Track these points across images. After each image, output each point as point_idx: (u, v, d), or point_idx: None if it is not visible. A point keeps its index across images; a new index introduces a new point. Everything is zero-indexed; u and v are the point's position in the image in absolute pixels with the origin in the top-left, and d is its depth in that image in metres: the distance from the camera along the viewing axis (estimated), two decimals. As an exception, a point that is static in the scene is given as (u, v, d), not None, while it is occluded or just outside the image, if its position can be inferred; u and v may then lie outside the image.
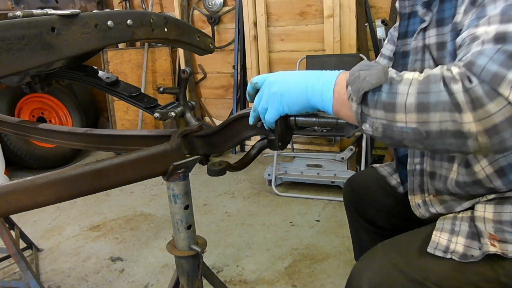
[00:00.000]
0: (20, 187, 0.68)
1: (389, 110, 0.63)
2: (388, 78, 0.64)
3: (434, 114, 0.58)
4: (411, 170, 1.02)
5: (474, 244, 0.80)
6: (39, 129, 1.20)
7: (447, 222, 0.86)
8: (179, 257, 1.00)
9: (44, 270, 2.08)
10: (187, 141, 0.91)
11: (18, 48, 0.62)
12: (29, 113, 3.66)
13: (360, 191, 1.23)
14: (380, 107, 0.63)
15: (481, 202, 0.85)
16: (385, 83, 0.63)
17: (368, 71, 0.65)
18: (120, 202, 2.88)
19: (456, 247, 0.81)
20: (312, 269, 1.94)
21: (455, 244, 0.81)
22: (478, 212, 0.83)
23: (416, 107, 0.60)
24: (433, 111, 0.59)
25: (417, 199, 1.02)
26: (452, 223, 0.85)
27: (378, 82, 0.63)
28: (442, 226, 0.86)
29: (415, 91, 0.60)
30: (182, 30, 0.98)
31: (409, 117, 0.61)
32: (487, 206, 0.83)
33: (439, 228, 0.85)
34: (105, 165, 0.76)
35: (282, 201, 2.71)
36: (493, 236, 0.79)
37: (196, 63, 4.00)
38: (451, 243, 0.82)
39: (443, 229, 0.85)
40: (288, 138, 0.88)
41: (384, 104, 0.63)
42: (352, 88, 0.66)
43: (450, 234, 0.83)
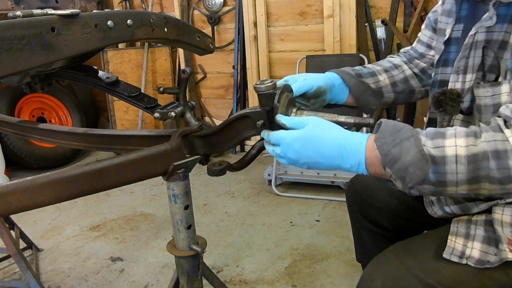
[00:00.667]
0: (20, 187, 0.68)
1: (439, 186, 0.67)
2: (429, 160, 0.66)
3: (484, 184, 0.65)
4: None
5: (490, 249, 0.79)
6: (39, 129, 1.20)
7: (461, 225, 0.84)
8: (179, 257, 1.00)
9: (44, 270, 2.08)
10: (187, 141, 0.91)
11: (18, 48, 0.62)
12: (29, 113, 3.66)
13: (363, 192, 1.21)
14: (429, 184, 0.67)
15: (499, 204, 0.82)
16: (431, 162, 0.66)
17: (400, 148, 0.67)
18: (120, 202, 2.88)
19: (472, 252, 0.79)
20: (312, 269, 1.94)
21: (471, 249, 0.80)
22: (496, 214, 0.81)
23: (467, 182, 0.65)
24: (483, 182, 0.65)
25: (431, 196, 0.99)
26: (466, 227, 0.83)
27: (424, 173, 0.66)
28: (456, 229, 0.84)
29: (465, 170, 0.65)
30: (182, 30, 0.98)
31: (460, 188, 0.66)
32: (505, 209, 0.81)
33: (454, 232, 0.84)
34: (105, 165, 0.76)
35: (282, 201, 2.71)
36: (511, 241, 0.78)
37: (196, 63, 4.00)
38: (467, 248, 0.80)
39: (458, 233, 0.83)
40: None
41: (434, 183, 0.67)
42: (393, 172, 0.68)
43: (465, 238, 0.82)
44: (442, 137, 0.68)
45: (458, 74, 0.89)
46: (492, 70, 0.81)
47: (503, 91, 0.78)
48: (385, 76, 1.09)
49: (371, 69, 1.09)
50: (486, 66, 0.82)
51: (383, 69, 1.11)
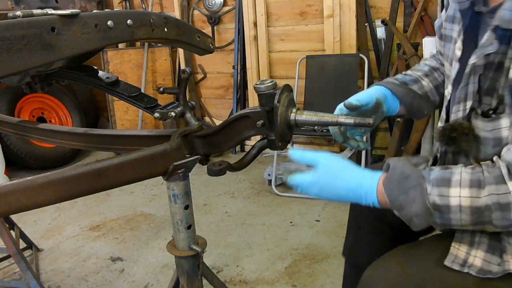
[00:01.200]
0: (20, 187, 0.68)
1: (445, 225, 0.73)
2: (432, 210, 0.71)
3: (488, 227, 0.71)
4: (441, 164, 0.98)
5: (493, 259, 0.78)
6: (39, 129, 1.20)
7: (467, 231, 0.82)
8: (179, 257, 1.00)
9: (44, 270, 2.08)
10: (187, 141, 0.91)
11: (18, 48, 0.62)
12: (29, 113, 3.66)
13: None
14: (435, 225, 0.73)
15: None
16: (436, 212, 0.71)
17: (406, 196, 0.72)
18: (120, 202, 2.88)
19: (475, 261, 0.78)
20: (312, 269, 1.94)
21: (474, 257, 0.79)
22: None
23: (472, 225, 0.71)
24: (487, 225, 0.70)
25: None
26: (471, 234, 0.82)
27: (429, 223, 0.72)
28: (461, 236, 0.83)
29: (469, 219, 0.70)
30: (182, 30, 0.98)
31: (466, 226, 0.72)
32: None
33: (459, 238, 0.82)
34: (105, 165, 0.76)
35: (282, 201, 2.71)
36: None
37: (196, 63, 4.00)
38: (470, 256, 0.79)
39: (462, 240, 0.82)
40: (288, 137, 0.88)
41: (440, 225, 0.73)
42: (401, 217, 0.74)
43: (469, 246, 0.81)
44: (447, 185, 0.71)
45: (459, 103, 0.85)
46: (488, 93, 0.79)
47: (503, 126, 0.76)
48: (427, 80, 1.08)
49: (412, 75, 1.08)
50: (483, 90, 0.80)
51: (423, 74, 1.09)
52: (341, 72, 2.94)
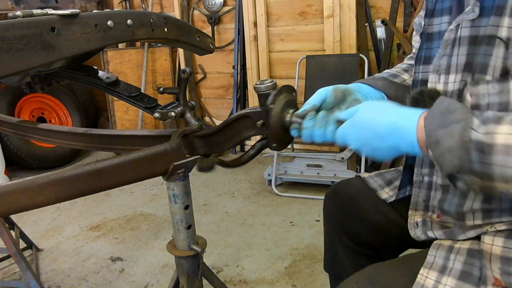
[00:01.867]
0: (20, 187, 0.68)
1: (486, 178, 0.58)
2: (473, 146, 0.58)
3: None
4: (418, 181, 0.90)
5: (465, 287, 0.70)
6: (39, 129, 1.20)
7: (440, 254, 0.76)
8: (179, 257, 1.00)
9: (44, 270, 2.08)
10: (187, 141, 0.91)
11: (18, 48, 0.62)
12: (29, 113, 3.66)
13: (345, 205, 1.09)
14: (475, 175, 0.59)
15: (489, 232, 0.73)
16: (474, 151, 0.58)
17: (446, 131, 0.60)
18: (120, 202, 2.88)
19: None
20: (312, 269, 1.94)
21: (444, 286, 0.70)
22: (485, 245, 0.72)
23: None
24: None
25: (417, 216, 0.91)
26: (445, 257, 0.75)
27: (461, 164, 0.59)
28: (433, 260, 0.75)
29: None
30: (182, 30, 0.98)
31: (507, 179, 0.57)
32: (495, 238, 0.71)
33: (429, 263, 0.75)
34: (105, 165, 0.76)
35: (282, 201, 2.71)
36: (499, 281, 0.67)
37: (196, 63, 4.00)
38: (440, 284, 0.71)
39: (433, 265, 0.74)
40: (286, 138, 0.87)
41: (479, 174, 0.59)
42: (434, 157, 0.62)
43: (439, 273, 0.72)
44: (498, 122, 0.58)
45: (439, 74, 0.80)
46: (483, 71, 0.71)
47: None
48: (407, 75, 1.03)
49: (390, 72, 1.04)
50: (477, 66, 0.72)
51: (402, 69, 1.06)
52: (341, 72, 2.94)
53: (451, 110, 0.62)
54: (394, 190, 1.04)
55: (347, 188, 1.12)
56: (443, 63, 0.80)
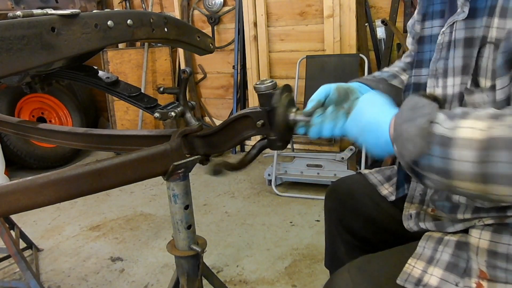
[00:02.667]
0: (20, 187, 0.68)
1: (444, 176, 0.56)
2: (434, 139, 0.56)
3: (502, 188, 0.51)
4: None
5: (451, 278, 0.71)
6: (39, 129, 1.20)
7: (429, 245, 0.77)
8: (179, 257, 1.00)
9: (44, 270, 2.08)
10: (187, 141, 0.91)
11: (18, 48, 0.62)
12: (29, 113, 3.66)
13: (345, 201, 1.11)
14: (434, 172, 0.58)
15: (477, 226, 0.74)
16: (435, 144, 0.56)
17: (411, 124, 0.59)
18: (120, 202, 2.88)
19: (430, 279, 0.71)
20: (312, 269, 1.94)
21: (430, 276, 0.72)
22: (472, 238, 0.73)
23: (478, 178, 0.52)
24: (501, 184, 0.51)
25: (412, 209, 0.92)
26: (434, 248, 0.76)
27: (420, 151, 0.57)
28: (422, 251, 0.77)
29: (476, 159, 0.52)
30: (182, 30, 0.98)
31: (471, 186, 0.54)
32: (483, 232, 0.72)
33: (418, 253, 0.76)
34: (105, 165, 0.76)
35: (282, 201, 2.71)
36: (484, 274, 0.68)
37: (196, 63, 4.01)
38: (426, 274, 0.72)
39: (421, 256, 0.76)
40: (288, 137, 0.88)
41: (438, 170, 0.57)
42: (396, 150, 0.62)
43: (427, 263, 0.74)
44: (464, 117, 0.56)
45: (437, 78, 0.80)
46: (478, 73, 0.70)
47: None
48: (405, 75, 1.04)
49: (389, 71, 1.04)
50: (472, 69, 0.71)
51: (400, 69, 1.06)
52: (341, 72, 2.94)
53: (418, 105, 0.61)
54: (393, 186, 1.05)
55: (347, 184, 1.14)
56: (439, 67, 0.79)
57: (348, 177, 1.18)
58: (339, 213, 1.12)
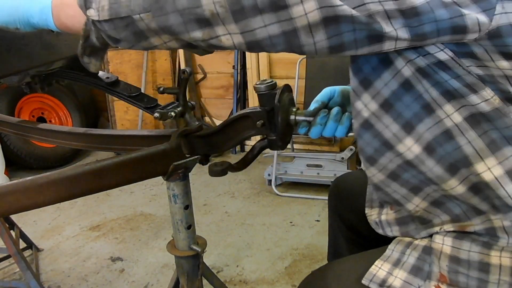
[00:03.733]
0: (20, 187, 0.68)
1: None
2: None
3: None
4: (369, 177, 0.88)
5: (414, 281, 0.72)
6: (39, 129, 1.20)
7: (398, 248, 0.78)
8: (179, 257, 1.00)
9: (44, 270, 2.08)
10: (187, 141, 0.91)
11: (18, 48, 0.63)
12: (29, 113, 3.66)
13: (345, 196, 1.13)
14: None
15: (440, 232, 0.74)
16: None
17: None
18: (120, 202, 2.88)
19: (394, 282, 0.72)
20: (312, 269, 1.94)
21: (394, 278, 0.73)
22: (435, 244, 0.73)
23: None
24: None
25: (374, 215, 0.90)
26: (402, 252, 0.77)
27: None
28: (391, 253, 0.77)
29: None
30: (182, 30, 0.98)
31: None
32: (445, 238, 0.72)
33: (386, 256, 0.77)
34: (105, 165, 0.76)
35: (282, 201, 2.71)
36: (444, 278, 0.70)
37: (196, 63, 4.00)
38: (391, 276, 0.73)
39: (389, 258, 0.76)
40: (288, 137, 0.88)
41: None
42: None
43: (393, 265, 0.75)
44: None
45: None
46: None
47: None
48: None
49: None
50: None
51: None
52: (341, 72, 2.93)
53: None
54: None
55: (349, 180, 1.17)
56: None
57: (350, 173, 1.22)
58: (340, 209, 1.14)
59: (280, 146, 0.84)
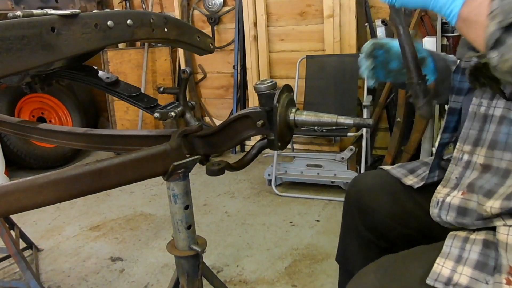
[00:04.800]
0: (20, 187, 0.68)
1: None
2: None
3: None
4: (457, 157, 0.89)
5: (481, 276, 0.70)
6: (39, 129, 1.20)
7: (456, 244, 0.77)
8: (179, 257, 1.00)
9: (44, 270, 2.08)
10: (187, 141, 0.91)
11: (18, 48, 0.62)
12: (29, 113, 3.66)
13: (366, 194, 1.11)
14: None
15: (506, 224, 0.74)
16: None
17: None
18: (120, 202, 2.88)
19: (460, 278, 0.71)
20: (312, 269, 1.94)
21: (460, 275, 0.71)
22: (500, 235, 0.72)
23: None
24: None
25: (442, 194, 0.89)
26: (461, 247, 0.75)
27: None
28: (449, 250, 0.76)
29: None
30: (182, 30, 0.98)
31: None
32: (511, 229, 0.72)
33: (445, 253, 0.76)
34: (105, 165, 0.76)
35: (282, 201, 2.71)
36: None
37: (196, 63, 4.00)
38: (455, 273, 0.72)
39: (449, 255, 0.75)
40: (288, 138, 0.88)
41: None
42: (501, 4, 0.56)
43: (455, 262, 0.73)
44: None
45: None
46: None
47: None
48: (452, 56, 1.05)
49: (454, 58, 1.04)
50: None
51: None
52: (341, 72, 2.94)
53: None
54: (418, 177, 1.05)
55: (368, 178, 1.16)
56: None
57: (370, 172, 1.21)
58: (358, 207, 1.13)
59: (279, 146, 0.84)
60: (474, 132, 0.85)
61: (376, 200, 1.10)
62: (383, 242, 1.10)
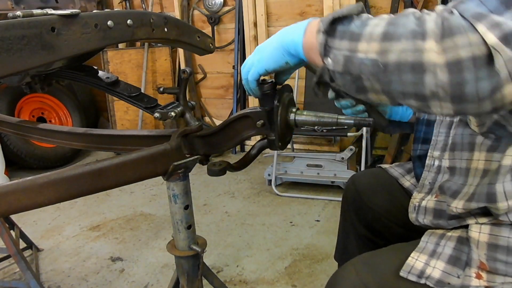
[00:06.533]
0: (20, 187, 0.68)
1: (354, 39, 0.58)
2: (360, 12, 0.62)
3: (396, 43, 0.53)
4: (429, 164, 0.94)
5: (453, 270, 0.74)
6: (39, 129, 1.20)
7: (432, 240, 0.80)
8: (179, 257, 1.00)
9: (44, 270, 2.08)
10: (187, 141, 0.91)
11: (18, 48, 0.62)
12: (29, 113, 3.66)
13: (364, 193, 1.14)
14: (347, 37, 0.59)
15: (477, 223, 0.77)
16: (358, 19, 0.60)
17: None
18: (120, 202, 2.88)
19: (433, 272, 0.74)
20: (312, 269, 1.94)
21: (432, 268, 0.75)
22: (472, 233, 0.75)
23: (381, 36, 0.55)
24: (396, 39, 0.53)
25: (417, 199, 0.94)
26: (436, 243, 0.79)
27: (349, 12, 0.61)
28: (425, 245, 0.80)
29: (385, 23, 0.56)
30: (182, 30, 0.98)
31: (371, 46, 0.56)
32: (482, 227, 0.75)
33: (421, 248, 0.79)
34: (105, 165, 0.76)
35: (282, 201, 2.71)
36: (484, 265, 0.72)
37: (196, 63, 4.00)
38: (428, 267, 0.75)
39: (424, 250, 0.79)
40: (288, 137, 0.88)
41: (351, 34, 0.59)
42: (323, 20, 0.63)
43: (429, 256, 0.77)
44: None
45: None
46: None
47: None
48: None
49: None
50: None
51: None
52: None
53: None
54: (414, 178, 1.08)
55: (366, 177, 1.19)
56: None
57: (368, 170, 1.24)
58: (356, 205, 1.16)
59: (280, 146, 0.84)
60: (441, 138, 0.91)
61: (374, 199, 1.12)
62: (380, 240, 1.12)
